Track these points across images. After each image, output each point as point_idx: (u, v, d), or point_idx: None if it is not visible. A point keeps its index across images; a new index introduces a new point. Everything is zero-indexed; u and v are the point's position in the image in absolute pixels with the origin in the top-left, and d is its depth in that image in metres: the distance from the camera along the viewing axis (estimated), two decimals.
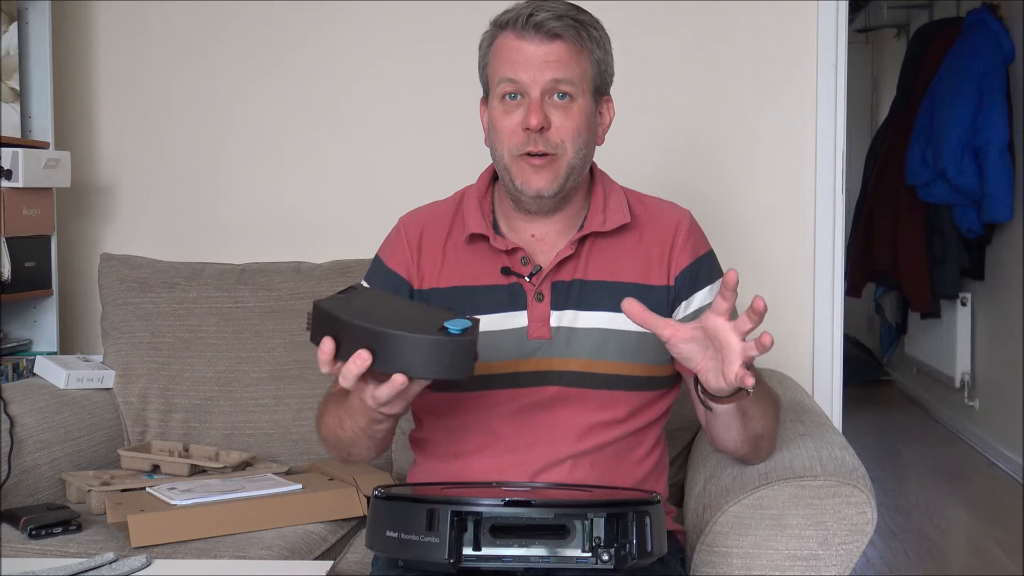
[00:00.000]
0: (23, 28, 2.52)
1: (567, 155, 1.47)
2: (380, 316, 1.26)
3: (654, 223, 1.56)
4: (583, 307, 1.50)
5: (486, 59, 1.52)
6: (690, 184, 2.49)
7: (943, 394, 5.20)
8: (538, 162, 1.46)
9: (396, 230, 1.62)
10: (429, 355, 1.23)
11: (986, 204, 4.24)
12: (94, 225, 2.71)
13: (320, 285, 2.30)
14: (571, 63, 1.46)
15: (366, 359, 1.21)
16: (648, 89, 2.51)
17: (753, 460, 1.53)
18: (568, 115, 1.47)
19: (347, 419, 1.42)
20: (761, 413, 1.43)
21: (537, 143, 1.45)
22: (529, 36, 1.45)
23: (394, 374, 1.22)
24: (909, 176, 4.61)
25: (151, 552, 1.62)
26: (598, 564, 1.22)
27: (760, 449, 1.50)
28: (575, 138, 1.47)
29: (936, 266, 4.68)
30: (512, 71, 1.46)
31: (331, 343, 1.24)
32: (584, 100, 1.48)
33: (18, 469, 1.97)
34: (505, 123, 1.48)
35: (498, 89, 1.48)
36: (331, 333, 1.25)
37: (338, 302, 1.29)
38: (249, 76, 2.65)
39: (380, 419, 1.37)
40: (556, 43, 1.45)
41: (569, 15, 1.47)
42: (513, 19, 1.47)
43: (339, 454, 1.53)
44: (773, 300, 2.52)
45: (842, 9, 2.49)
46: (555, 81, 1.45)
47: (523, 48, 1.46)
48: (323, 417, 1.52)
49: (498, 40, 1.49)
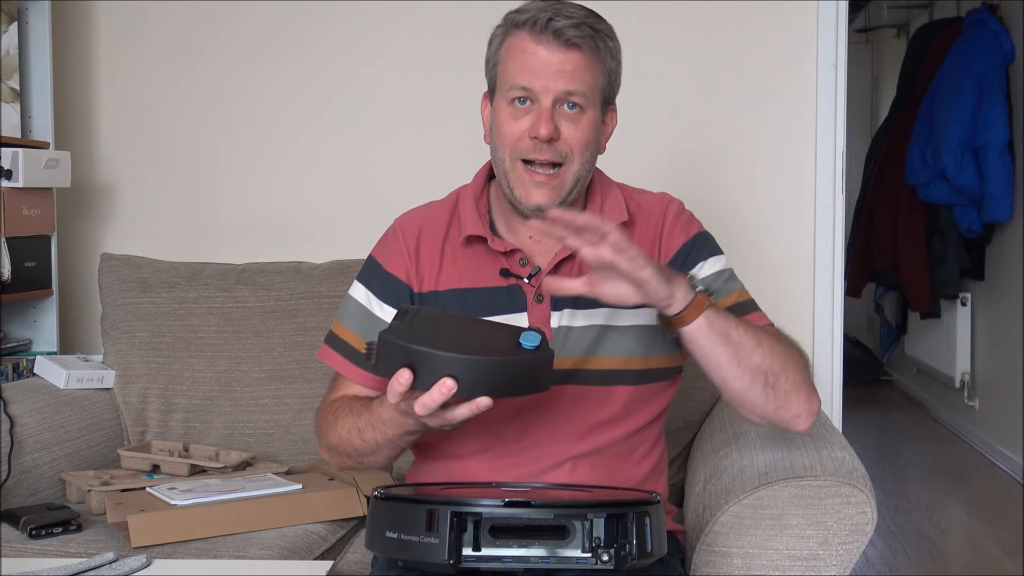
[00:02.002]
0: (23, 28, 2.52)
1: (574, 166, 1.46)
2: (453, 340, 1.25)
3: (644, 216, 1.56)
4: (582, 306, 1.49)
5: (497, 56, 1.48)
6: (690, 184, 2.48)
7: (943, 394, 5.20)
8: (540, 178, 1.45)
9: (392, 232, 1.60)
10: (513, 375, 1.24)
11: (986, 204, 4.24)
12: (94, 225, 2.71)
13: (320, 285, 2.30)
14: (585, 74, 1.43)
15: (452, 387, 1.21)
16: (648, 89, 2.51)
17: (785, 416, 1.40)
18: (578, 126, 1.45)
19: (371, 431, 1.41)
20: (755, 343, 1.36)
21: (544, 152, 1.44)
22: (546, 41, 1.42)
23: (478, 397, 1.23)
24: (909, 176, 4.61)
25: (151, 552, 1.62)
26: (598, 564, 1.22)
27: (782, 395, 1.38)
28: (583, 150, 1.46)
29: (936, 266, 4.68)
30: (526, 78, 1.43)
31: (409, 374, 1.23)
32: (593, 112, 1.46)
33: (18, 469, 1.97)
34: (511, 128, 1.45)
35: (508, 93, 1.45)
36: (405, 363, 1.23)
37: (402, 330, 1.26)
38: (249, 76, 2.65)
39: (415, 430, 1.36)
40: (573, 53, 1.42)
41: (588, 23, 1.43)
42: (531, 20, 1.43)
43: (350, 462, 1.50)
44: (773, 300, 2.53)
45: (842, 9, 2.49)
46: (568, 93, 1.43)
47: (538, 53, 1.42)
48: (333, 426, 1.49)
49: (512, 39, 1.46)
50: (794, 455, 1.53)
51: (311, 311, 2.28)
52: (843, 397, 2.55)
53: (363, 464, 1.49)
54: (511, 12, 1.47)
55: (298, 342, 2.26)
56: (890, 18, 6.08)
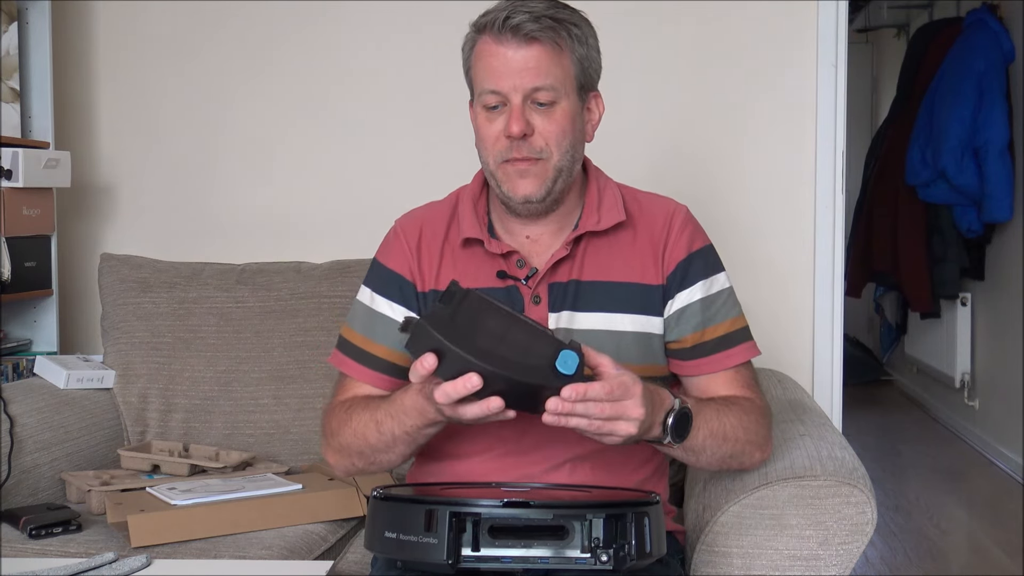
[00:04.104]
0: (23, 28, 2.52)
1: (553, 158, 1.45)
2: (488, 344, 1.23)
3: (648, 220, 1.55)
4: (580, 308, 1.49)
5: (469, 63, 1.50)
6: (690, 184, 2.49)
7: (943, 394, 5.20)
8: (523, 166, 1.45)
9: (394, 232, 1.60)
10: (537, 397, 1.23)
11: (986, 204, 4.24)
12: (94, 225, 2.71)
13: (320, 285, 2.30)
14: (551, 67, 1.43)
15: (476, 384, 1.21)
16: (648, 89, 2.51)
17: (738, 470, 1.52)
18: (551, 119, 1.44)
19: (389, 421, 1.40)
20: (720, 442, 1.41)
21: (521, 149, 1.44)
22: (507, 40, 1.42)
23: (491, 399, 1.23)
24: (909, 176, 4.61)
25: (151, 552, 1.62)
26: (597, 565, 1.22)
27: (737, 464, 1.49)
28: (560, 141, 1.45)
29: (936, 266, 4.68)
30: (493, 82, 1.44)
31: (433, 360, 1.23)
32: (567, 101, 1.46)
33: (18, 469, 1.97)
34: (488, 131, 1.46)
35: (481, 99, 1.46)
36: (435, 350, 1.23)
37: (443, 319, 1.24)
38: (249, 76, 2.65)
39: (436, 422, 1.36)
40: (534, 47, 1.42)
41: (547, 14, 1.43)
42: (491, 22, 1.43)
43: (360, 463, 1.49)
44: (773, 300, 2.54)
45: (842, 9, 2.49)
46: (535, 89, 1.43)
47: (501, 54, 1.43)
48: (346, 423, 1.48)
49: (478, 44, 1.47)
50: (794, 455, 1.53)
51: (311, 311, 2.28)
52: (843, 397, 2.55)
53: (373, 464, 1.48)
54: (476, 18, 1.48)
55: (298, 342, 2.26)
56: (890, 18, 6.08)
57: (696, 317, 1.51)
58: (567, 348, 1.23)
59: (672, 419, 1.33)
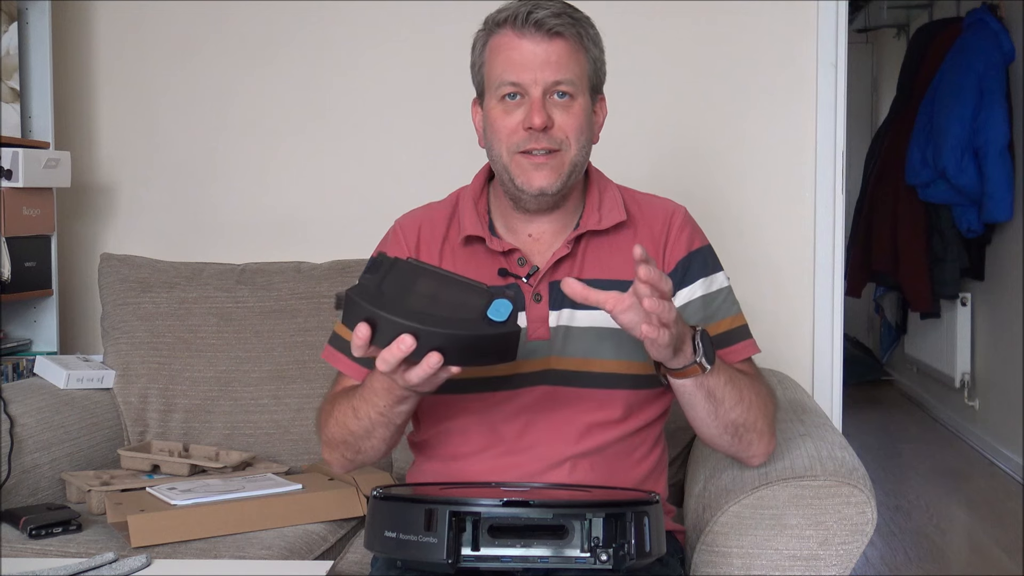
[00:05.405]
0: (23, 28, 2.52)
1: (571, 151, 1.47)
2: (417, 305, 1.23)
3: (648, 220, 1.56)
4: (580, 306, 1.49)
5: (481, 59, 1.51)
6: (690, 185, 2.49)
7: (943, 394, 5.20)
8: (540, 160, 1.46)
9: (393, 232, 1.61)
10: (475, 348, 1.22)
11: (986, 204, 4.24)
12: (94, 225, 2.71)
13: (320, 285, 2.30)
14: (571, 62, 1.46)
15: (410, 345, 1.20)
16: (648, 89, 2.51)
17: (743, 455, 1.48)
18: (570, 113, 1.46)
19: (363, 406, 1.40)
20: (736, 400, 1.40)
21: (540, 140, 1.45)
22: (529, 34, 1.44)
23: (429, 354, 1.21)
24: (909, 176, 4.61)
25: (151, 552, 1.62)
26: (596, 564, 1.22)
27: (746, 442, 1.45)
28: (578, 135, 1.47)
29: (936, 266, 4.68)
30: (513, 73, 1.45)
31: (366, 329, 1.22)
32: (583, 99, 1.48)
33: (18, 469, 1.97)
34: (505, 122, 1.47)
35: (498, 91, 1.47)
36: (367, 320, 1.22)
37: (370, 288, 1.24)
38: (249, 76, 2.65)
39: (405, 397, 1.35)
40: (556, 41, 1.45)
41: (567, 12, 1.46)
42: (512, 16, 1.45)
43: (348, 453, 1.49)
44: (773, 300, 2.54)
45: (842, 9, 2.49)
46: (556, 82, 1.45)
47: (523, 47, 1.45)
48: (331, 415, 1.49)
49: (495, 39, 1.48)
50: (794, 455, 1.53)
51: (311, 311, 2.28)
52: (843, 397, 2.55)
53: (360, 454, 1.48)
54: (490, 14, 1.50)
55: (298, 342, 2.26)
56: (890, 18, 6.08)
57: (697, 315, 1.51)
58: (500, 297, 1.24)
59: (699, 336, 1.34)
